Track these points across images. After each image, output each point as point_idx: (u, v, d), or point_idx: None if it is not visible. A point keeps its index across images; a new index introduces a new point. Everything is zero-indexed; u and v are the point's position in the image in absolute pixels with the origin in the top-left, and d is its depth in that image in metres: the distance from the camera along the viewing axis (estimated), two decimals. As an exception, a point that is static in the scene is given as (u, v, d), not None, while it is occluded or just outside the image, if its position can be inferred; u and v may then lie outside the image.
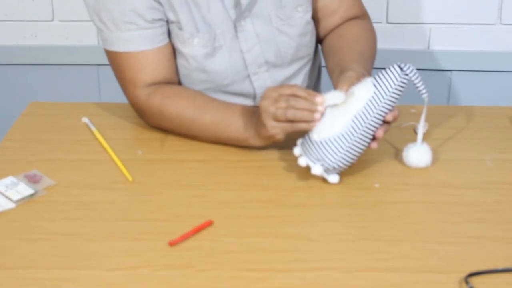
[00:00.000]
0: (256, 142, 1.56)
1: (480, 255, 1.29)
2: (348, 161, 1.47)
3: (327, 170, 1.48)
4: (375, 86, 1.46)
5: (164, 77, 1.65)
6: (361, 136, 1.46)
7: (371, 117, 1.46)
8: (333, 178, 1.48)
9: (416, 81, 1.46)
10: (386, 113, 1.47)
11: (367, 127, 1.46)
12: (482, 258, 1.28)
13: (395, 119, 1.49)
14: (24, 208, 1.43)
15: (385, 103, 1.46)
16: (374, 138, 1.49)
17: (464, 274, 1.23)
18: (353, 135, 1.46)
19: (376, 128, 1.47)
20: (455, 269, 1.26)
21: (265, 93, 1.50)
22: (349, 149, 1.46)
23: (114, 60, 1.66)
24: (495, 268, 1.25)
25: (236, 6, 1.65)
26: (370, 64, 1.68)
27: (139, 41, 1.62)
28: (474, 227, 1.37)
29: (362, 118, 1.46)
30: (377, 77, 1.47)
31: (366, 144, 1.48)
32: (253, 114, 1.57)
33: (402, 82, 1.46)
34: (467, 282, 1.21)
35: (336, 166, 1.47)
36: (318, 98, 1.46)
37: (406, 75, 1.45)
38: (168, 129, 1.66)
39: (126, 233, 1.36)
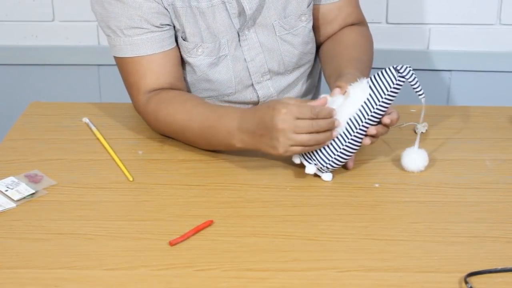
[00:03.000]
0: (244, 147, 1.52)
1: (479, 255, 1.29)
2: (341, 162, 1.48)
3: (320, 169, 1.48)
4: (370, 87, 1.46)
5: (168, 83, 1.64)
6: (355, 138, 1.47)
7: (366, 119, 1.46)
8: (327, 177, 1.50)
9: (413, 83, 1.45)
10: (381, 114, 1.47)
11: (361, 129, 1.46)
12: (482, 258, 1.29)
13: (392, 124, 1.48)
14: (24, 208, 1.43)
15: (380, 105, 1.46)
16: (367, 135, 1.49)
17: (464, 273, 1.24)
18: (347, 137, 1.46)
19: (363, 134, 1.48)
20: (455, 269, 1.26)
21: (282, 114, 1.43)
22: (343, 151, 1.47)
23: (121, 65, 1.66)
24: (495, 268, 1.25)
25: (240, 15, 1.65)
26: (367, 70, 1.68)
27: (146, 44, 1.61)
28: (474, 227, 1.37)
29: (356, 120, 1.46)
30: (373, 79, 1.47)
31: (359, 144, 1.48)
32: (240, 119, 1.51)
33: (398, 84, 1.46)
34: (466, 282, 1.22)
35: (329, 166, 1.48)
36: (334, 112, 1.45)
37: (402, 77, 1.45)
38: (165, 134, 1.65)
39: (127, 233, 1.36)
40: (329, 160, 1.47)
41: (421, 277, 1.25)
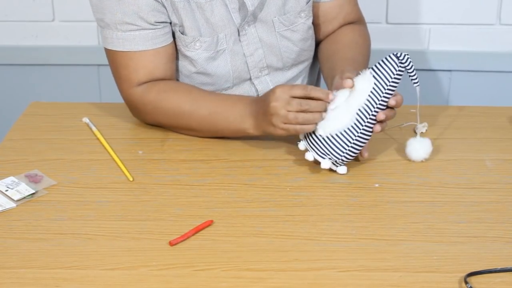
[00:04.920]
0: (255, 132, 1.57)
1: (479, 255, 1.29)
2: (355, 153, 1.50)
3: (335, 163, 1.50)
4: (374, 77, 1.48)
5: (160, 79, 1.66)
6: (366, 128, 1.49)
7: (375, 108, 1.48)
8: (342, 170, 1.52)
9: (410, 70, 1.49)
10: (387, 102, 1.49)
11: (371, 118, 1.49)
12: (482, 258, 1.29)
13: (398, 104, 1.51)
14: (24, 207, 1.43)
15: (386, 92, 1.48)
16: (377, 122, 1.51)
17: (464, 273, 1.24)
18: (358, 128, 1.48)
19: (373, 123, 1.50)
20: (455, 269, 1.26)
21: (276, 93, 1.49)
22: (356, 141, 1.48)
23: (112, 58, 1.67)
24: (494, 268, 1.25)
25: (240, 10, 1.66)
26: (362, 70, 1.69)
27: (139, 41, 1.62)
28: (474, 227, 1.37)
29: (366, 110, 1.48)
30: (375, 68, 1.49)
31: (371, 133, 1.50)
32: (251, 104, 1.57)
33: (400, 70, 1.48)
34: (466, 282, 1.22)
35: (344, 158, 1.50)
36: (331, 96, 1.48)
37: (402, 63, 1.48)
38: (164, 124, 1.67)
39: (127, 232, 1.36)
40: (343, 152, 1.49)
41: (421, 277, 1.25)
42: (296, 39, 1.74)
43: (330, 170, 1.52)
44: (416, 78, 1.50)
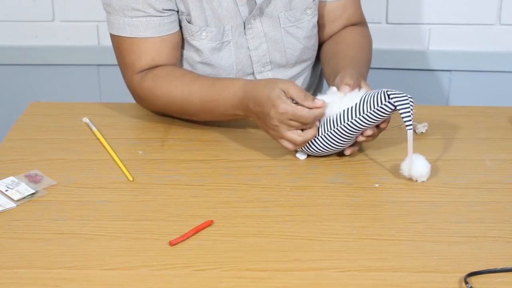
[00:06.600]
0: (246, 116, 1.59)
1: (479, 255, 1.29)
2: (320, 148, 1.52)
3: (302, 149, 1.55)
4: (361, 99, 1.48)
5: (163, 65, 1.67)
6: (330, 135, 1.50)
7: (343, 124, 1.49)
8: (301, 156, 1.56)
9: (401, 111, 1.46)
10: (359, 127, 1.49)
11: (337, 129, 1.49)
12: (482, 258, 1.29)
13: (354, 151, 1.56)
14: (24, 207, 1.43)
15: (359, 118, 1.48)
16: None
17: (464, 273, 1.24)
18: (330, 127, 1.51)
19: (348, 135, 1.50)
20: (455, 269, 1.26)
21: (279, 114, 1.48)
22: (323, 138, 1.51)
23: (117, 44, 1.68)
24: (494, 268, 1.25)
25: (248, 2, 1.67)
26: (365, 70, 1.71)
27: (145, 27, 1.63)
28: (474, 227, 1.37)
29: (336, 120, 1.49)
30: (368, 93, 1.49)
31: (335, 144, 1.52)
32: (241, 91, 1.56)
33: (382, 107, 1.47)
34: (466, 282, 1.22)
35: (310, 148, 1.53)
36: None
37: (390, 103, 1.46)
38: (162, 111, 1.69)
39: (127, 232, 1.36)
40: (311, 142, 1.52)
41: (421, 277, 1.25)
42: (300, 36, 1.75)
43: (322, 178, 1.52)
44: (408, 120, 1.45)
